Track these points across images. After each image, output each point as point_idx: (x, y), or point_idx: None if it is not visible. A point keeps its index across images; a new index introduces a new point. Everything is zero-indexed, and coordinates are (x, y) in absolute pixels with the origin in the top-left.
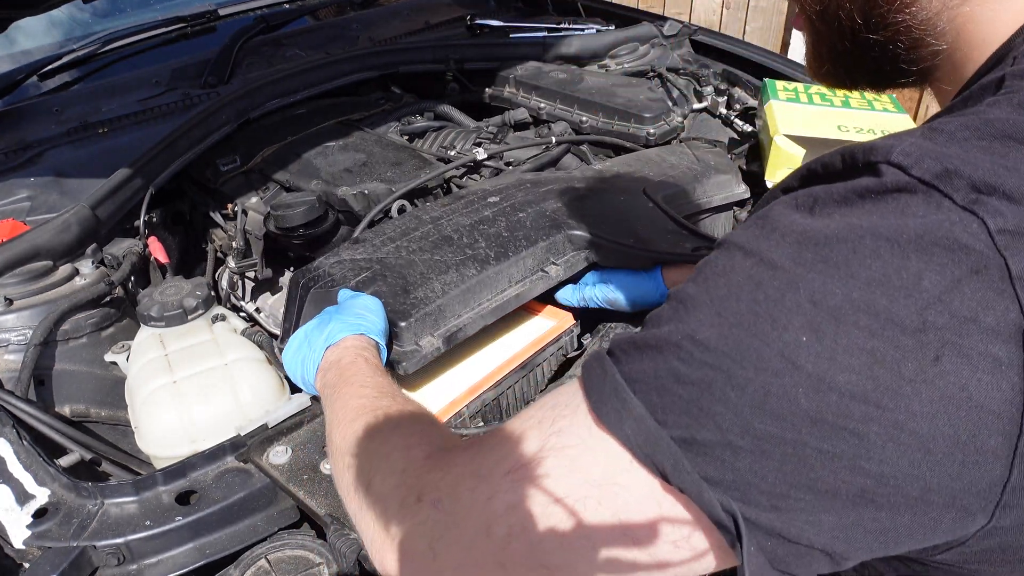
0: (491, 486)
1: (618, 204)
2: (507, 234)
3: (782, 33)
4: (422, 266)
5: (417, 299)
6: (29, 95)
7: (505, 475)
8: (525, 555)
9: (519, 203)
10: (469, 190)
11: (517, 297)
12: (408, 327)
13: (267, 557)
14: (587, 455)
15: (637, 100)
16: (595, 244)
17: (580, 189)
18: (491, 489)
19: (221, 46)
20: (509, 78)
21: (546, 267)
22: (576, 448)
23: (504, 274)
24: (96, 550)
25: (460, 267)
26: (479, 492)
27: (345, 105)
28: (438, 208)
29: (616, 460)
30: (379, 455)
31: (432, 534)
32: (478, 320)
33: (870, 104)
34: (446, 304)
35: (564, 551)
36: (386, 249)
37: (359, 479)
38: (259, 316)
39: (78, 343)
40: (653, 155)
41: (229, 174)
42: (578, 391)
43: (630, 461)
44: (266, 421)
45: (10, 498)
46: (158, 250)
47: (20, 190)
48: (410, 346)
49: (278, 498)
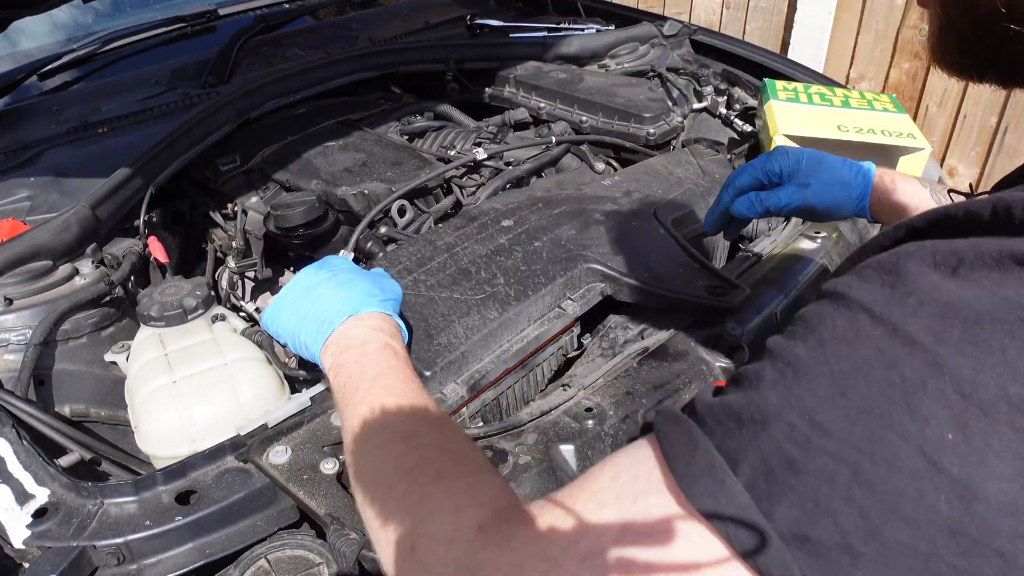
0: (565, 573)
1: (630, 230)
2: (524, 267)
3: (782, 33)
4: (443, 306)
5: (441, 346)
6: (29, 95)
7: (582, 561)
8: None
9: (533, 229)
10: (481, 210)
11: (536, 338)
12: (433, 376)
13: (267, 557)
14: (679, 542)
15: (637, 100)
16: (610, 278)
17: (592, 212)
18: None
19: (221, 46)
20: (509, 78)
21: (563, 303)
22: (664, 533)
23: (524, 314)
24: (96, 550)
25: (481, 308)
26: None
27: (345, 105)
28: (452, 233)
29: (712, 551)
30: (421, 514)
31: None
32: (500, 364)
33: (870, 104)
34: (469, 350)
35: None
36: (404, 282)
37: (401, 539)
38: (259, 316)
39: (78, 343)
40: (660, 167)
41: (229, 174)
42: (652, 456)
43: (728, 556)
44: (266, 421)
45: (10, 498)
46: (158, 250)
47: (20, 190)
48: (435, 395)
49: (278, 498)
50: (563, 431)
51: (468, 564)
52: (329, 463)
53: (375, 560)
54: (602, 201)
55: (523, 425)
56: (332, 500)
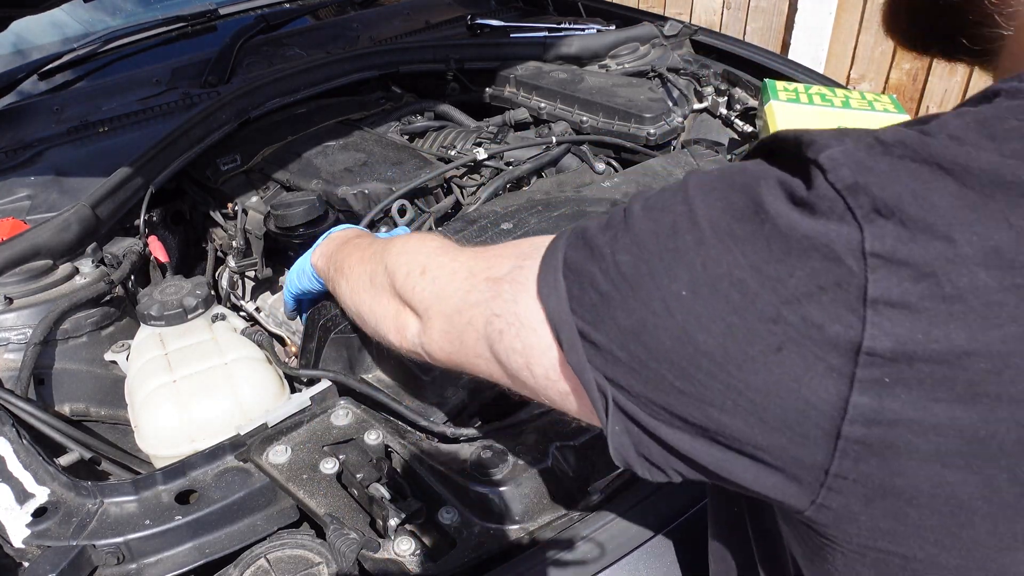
0: (474, 282)
1: None
2: None
3: (782, 33)
4: None
5: None
6: (29, 94)
7: (485, 280)
8: (470, 333)
9: (533, 232)
10: (480, 213)
11: None
12: (433, 380)
13: (266, 556)
14: (526, 297)
15: (637, 100)
16: None
17: (591, 214)
18: (472, 284)
19: (221, 45)
20: (509, 78)
21: None
22: (524, 289)
23: None
24: (95, 549)
25: None
26: (465, 284)
27: (345, 104)
28: (451, 236)
29: (539, 315)
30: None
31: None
32: None
33: (870, 105)
34: None
35: (482, 348)
36: None
37: (411, 269)
38: (259, 315)
39: (78, 342)
40: (659, 168)
41: (229, 173)
42: (548, 245)
43: (544, 322)
44: (266, 420)
45: (10, 497)
46: (158, 249)
47: (20, 189)
48: (435, 398)
49: (278, 497)
50: (563, 431)
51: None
52: (329, 463)
53: (375, 560)
54: (601, 203)
55: (523, 425)
56: (332, 500)
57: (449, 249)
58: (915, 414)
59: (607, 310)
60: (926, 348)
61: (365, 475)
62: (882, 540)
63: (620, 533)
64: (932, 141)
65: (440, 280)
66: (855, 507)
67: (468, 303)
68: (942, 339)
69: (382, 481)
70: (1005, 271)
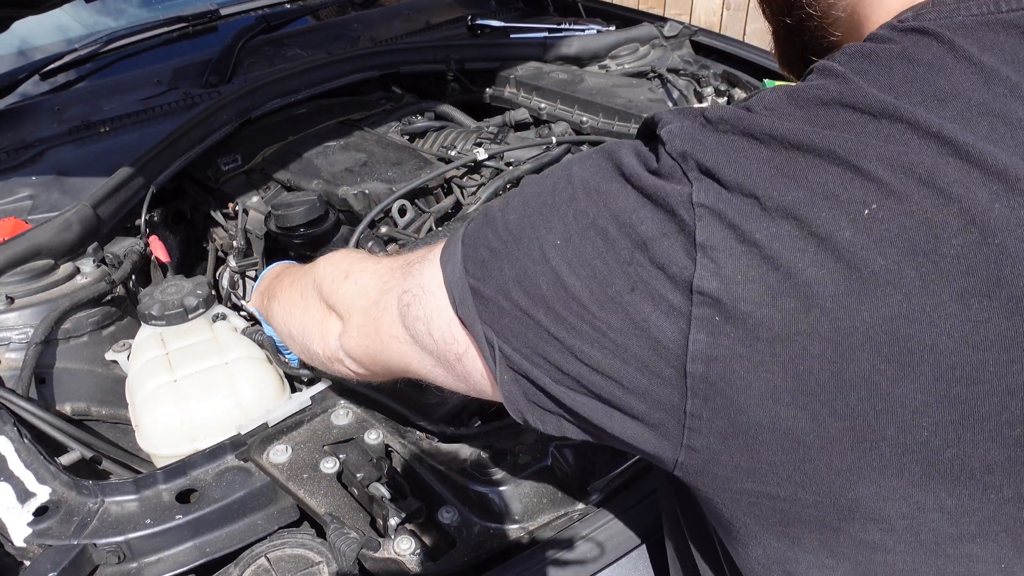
0: (391, 274)
1: None
2: None
3: None
4: None
5: None
6: (31, 94)
7: (400, 267)
8: (384, 318)
9: None
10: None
11: None
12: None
13: (267, 556)
14: (430, 268)
15: (637, 101)
16: None
17: None
18: (389, 275)
19: (222, 46)
20: (510, 78)
21: None
22: (430, 263)
23: None
24: (96, 548)
25: None
26: (382, 278)
27: (346, 105)
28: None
29: (439, 279)
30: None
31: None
32: None
33: None
34: None
35: (396, 328)
36: None
37: (336, 276)
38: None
39: (79, 341)
40: None
41: (230, 173)
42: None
43: (441, 285)
44: (266, 420)
45: (11, 496)
46: (159, 249)
47: (21, 189)
48: (434, 399)
49: (278, 497)
50: None
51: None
52: (329, 462)
53: (375, 559)
54: None
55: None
56: (332, 499)
57: (374, 256)
58: (743, 350)
59: (495, 263)
60: (745, 289)
61: (365, 474)
62: (747, 480)
63: (620, 533)
64: (749, 115)
65: (362, 280)
66: (715, 445)
67: (383, 291)
68: (756, 280)
69: (382, 480)
70: (800, 222)
